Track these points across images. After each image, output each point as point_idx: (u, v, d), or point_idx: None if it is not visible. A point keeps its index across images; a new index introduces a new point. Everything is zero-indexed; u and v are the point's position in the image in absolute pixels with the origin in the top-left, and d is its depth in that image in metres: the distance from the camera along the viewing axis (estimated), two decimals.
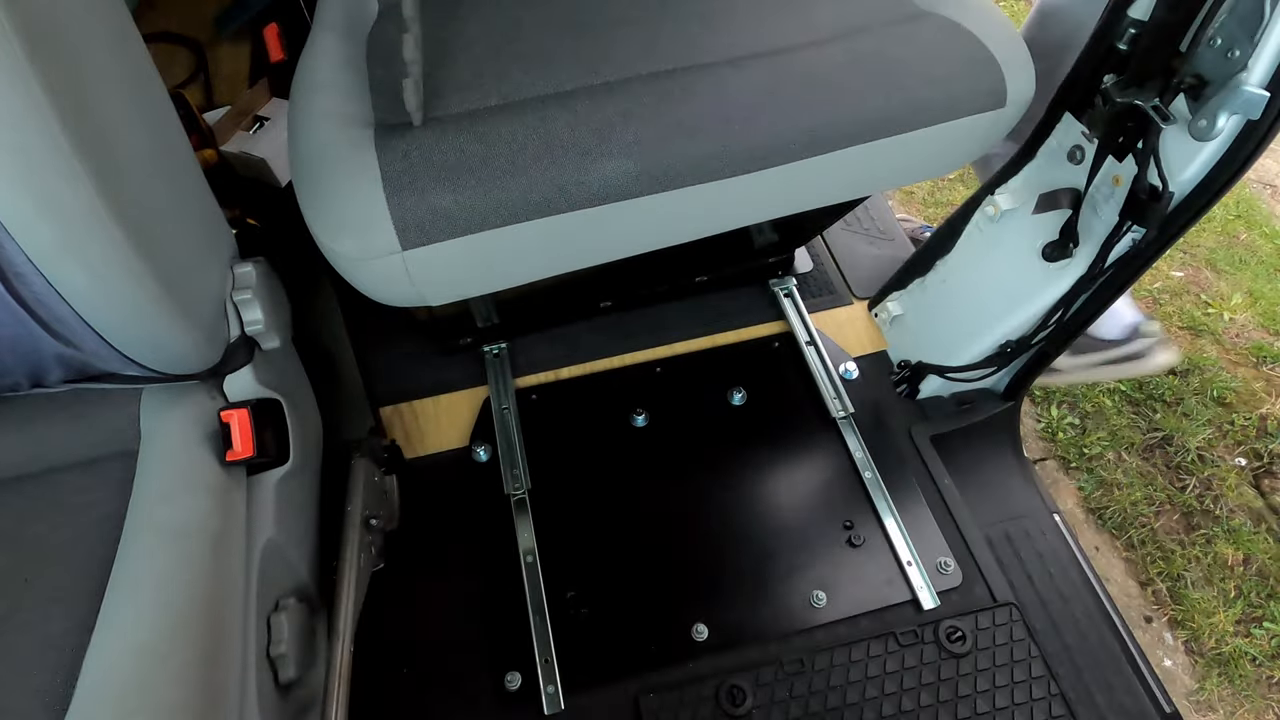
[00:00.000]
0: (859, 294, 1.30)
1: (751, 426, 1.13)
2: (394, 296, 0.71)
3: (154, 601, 0.57)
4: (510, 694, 0.92)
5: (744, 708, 0.90)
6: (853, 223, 1.41)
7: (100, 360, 0.58)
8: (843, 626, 0.97)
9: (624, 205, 0.68)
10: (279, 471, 0.77)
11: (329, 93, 0.71)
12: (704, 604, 0.98)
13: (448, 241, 0.66)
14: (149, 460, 0.65)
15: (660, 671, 0.93)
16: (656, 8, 0.79)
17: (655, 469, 1.09)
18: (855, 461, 1.10)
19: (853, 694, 0.92)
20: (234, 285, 0.70)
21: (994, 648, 0.95)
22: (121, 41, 0.56)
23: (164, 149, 0.61)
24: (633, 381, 1.18)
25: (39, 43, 0.43)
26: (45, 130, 0.44)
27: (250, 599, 0.68)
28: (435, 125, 0.67)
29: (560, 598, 0.98)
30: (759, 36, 0.76)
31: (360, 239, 0.64)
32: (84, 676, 0.53)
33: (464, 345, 1.19)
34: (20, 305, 0.51)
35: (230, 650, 0.62)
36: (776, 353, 1.22)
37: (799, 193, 0.75)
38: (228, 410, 0.68)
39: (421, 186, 0.64)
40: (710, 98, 0.70)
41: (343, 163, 0.65)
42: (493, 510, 1.05)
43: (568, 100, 0.69)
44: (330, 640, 0.79)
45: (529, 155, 0.66)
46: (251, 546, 0.71)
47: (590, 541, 1.03)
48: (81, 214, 0.47)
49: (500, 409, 1.14)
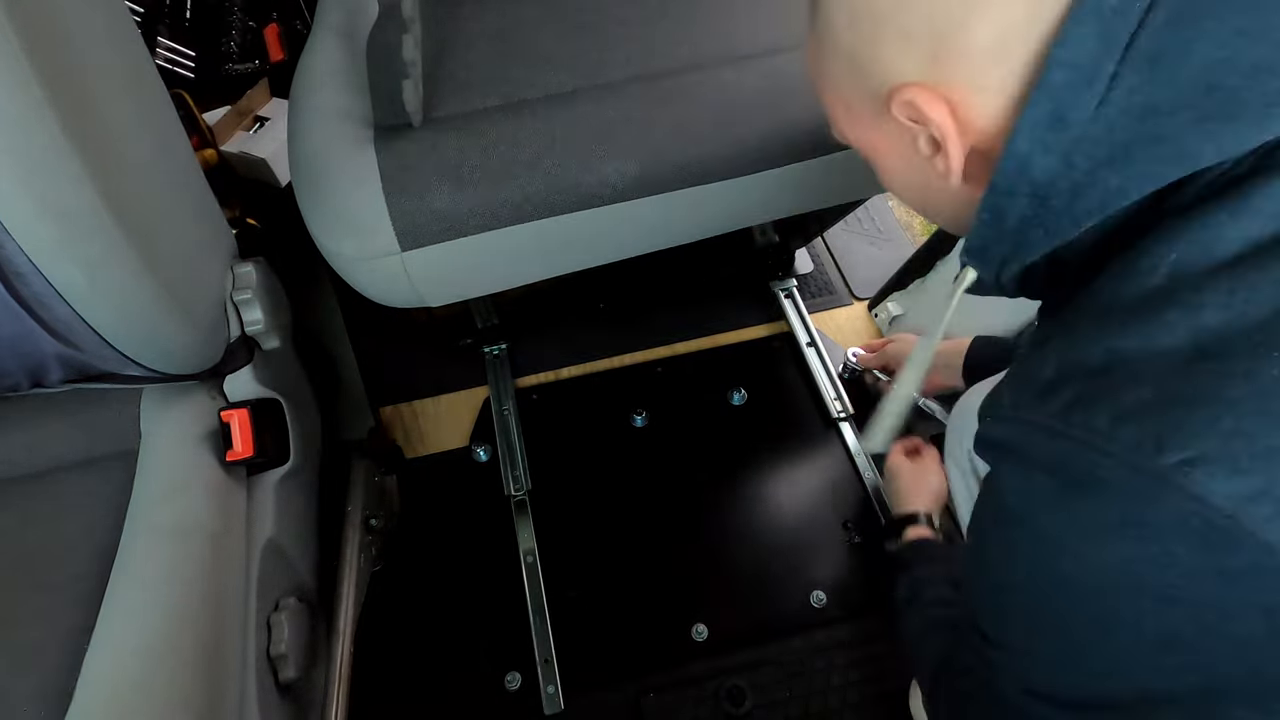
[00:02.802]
0: (859, 294, 1.30)
1: (751, 426, 1.13)
2: (393, 297, 0.71)
3: (154, 601, 0.57)
4: (510, 694, 0.92)
5: (744, 708, 0.90)
6: (853, 223, 1.41)
7: (100, 360, 0.58)
8: (843, 626, 0.97)
9: (623, 206, 0.68)
10: (279, 471, 0.77)
11: (329, 93, 0.71)
12: (704, 604, 0.98)
13: (447, 242, 0.66)
14: (149, 460, 0.65)
15: (660, 671, 0.93)
16: (656, 9, 0.79)
17: (655, 469, 1.09)
18: (855, 462, 1.10)
19: (852, 694, 0.92)
20: (234, 285, 0.70)
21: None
22: (121, 41, 0.56)
23: (164, 149, 0.61)
24: (633, 381, 1.18)
25: (39, 43, 0.43)
26: (45, 130, 0.44)
27: (250, 599, 0.68)
28: (435, 126, 0.67)
29: (560, 598, 0.98)
30: (758, 37, 0.76)
31: (359, 240, 0.64)
32: (84, 676, 0.53)
33: (464, 345, 1.19)
34: (20, 305, 0.51)
35: (230, 650, 0.62)
36: (777, 353, 1.22)
37: (799, 194, 0.75)
38: (228, 410, 0.68)
39: (421, 187, 0.64)
40: (710, 99, 0.70)
41: (342, 163, 0.65)
42: (493, 510, 1.05)
43: (568, 101, 0.69)
44: (330, 640, 0.79)
45: (528, 156, 0.66)
46: (251, 546, 0.71)
47: (590, 542, 1.03)
48: (81, 214, 0.47)
49: (500, 409, 1.14)
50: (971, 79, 0.34)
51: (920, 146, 0.38)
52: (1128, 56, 0.30)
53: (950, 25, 0.33)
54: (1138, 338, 0.31)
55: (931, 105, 0.35)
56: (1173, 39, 0.30)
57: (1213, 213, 0.31)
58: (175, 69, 1.02)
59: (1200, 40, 0.30)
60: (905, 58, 0.35)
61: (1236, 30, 0.29)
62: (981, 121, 0.35)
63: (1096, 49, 0.31)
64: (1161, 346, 0.30)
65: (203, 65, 1.04)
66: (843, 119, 0.43)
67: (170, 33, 1.02)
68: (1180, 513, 0.28)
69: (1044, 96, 0.32)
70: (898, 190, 0.45)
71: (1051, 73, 0.31)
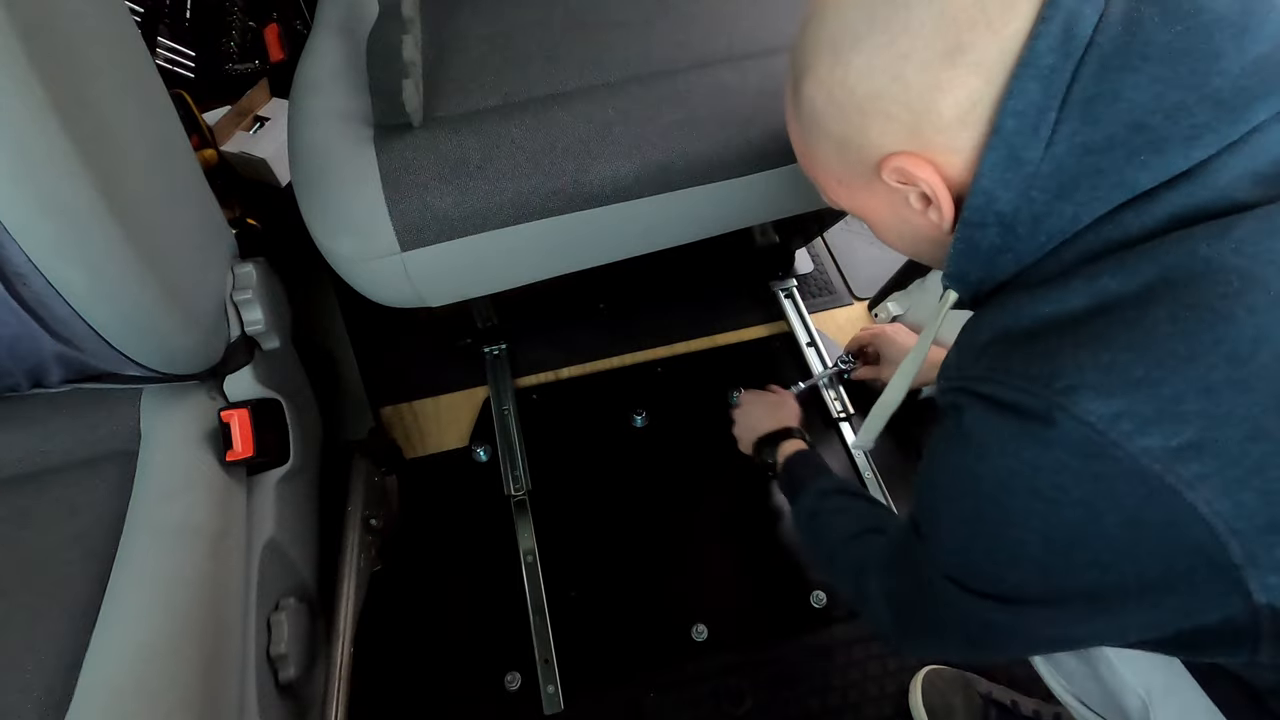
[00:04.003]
0: (859, 294, 1.30)
1: None
2: (393, 298, 0.71)
3: (154, 601, 0.57)
4: (510, 694, 0.92)
5: (744, 708, 0.90)
6: (853, 223, 1.41)
7: (100, 360, 0.58)
8: (843, 626, 0.97)
9: (623, 206, 0.68)
10: (279, 471, 0.77)
11: (329, 93, 0.71)
12: (704, 604, 0.98)
13: (447, 243, 0.66)
14: (149, 460, 0.65)
15: (660, 671, 0.93)
16: (656, 8, 0.79)
17: (655, 469, 1.09)
18: (855, 461, 1.11)
19: (853, 694, 0.92)
20: (234, 285, 0.70)
21: None
22: (121, 41, 0.56)
23: (164, 149, 0.61)
24: (633, 381, 1.18)
25: (39, 43, 0.43)
26: (45, 130, 0.44)
27: (250, 599, 0.68)
28: (435, 125, 0.67)
29: (560, 598, 0.98)
30: (758, 37, 0.76)
31: (360, 240, 0.64)
32: (84, 676, 0.53)
33: (464, 345, 1.19)
34: (20, 305, 0.51)
35: (230, 650, 0.62)
36: (777, 353, 1.22)
37: (798, 194, 0.75)
38: (228, 410, 0.68)
39: (421, 187, 0.64)
40: (710, 99, 0.70)
41: (342, 163, 0.65)
42: (493, 510, 1.05)
43: (567, 101, 0.69)
44: (330, 640, 0.79)
45: (528, 156, 0.66)
46: (251, 546, 0.71)
47: (590, 542, 1.03)
48: (81, 214, 0.47)
49: (500, 409, 1.14)
50: (946, 144, 0.41)
51: (912, 203, 0.45)
52: (1066, 104, 0.38)
53: (923, 105, 0.40)
54: (1053, 304, 0.38)
55: (919, 168, 0.42)
56: (1102, 88, 0.37)
57: (1121, 212, 0.38)
58: (175, 69, 1.02)
59: (1125, 88, 0.37)
60: (888, 135, 0.43)
61: (1154, 78, 0.36)
62: (960, 175, 0.42)
63: (1040, 99, 0.38)
64: (1069, 308, 0.38)
65: (203, 65, 1.04)
66: (835, 190, 0.51)
67: (170, 33, 1.02)
68: (1066, 428, 0.35)
69: (1000, 142, 0.39)
70: (891, 241, 0.52)
71: (1004, 120, 0.38)
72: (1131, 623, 0.41)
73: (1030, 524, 0.38)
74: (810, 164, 0.52)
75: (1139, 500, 0.35)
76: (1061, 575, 0.39)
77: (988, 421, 0.39)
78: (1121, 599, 0.39)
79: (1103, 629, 0.42)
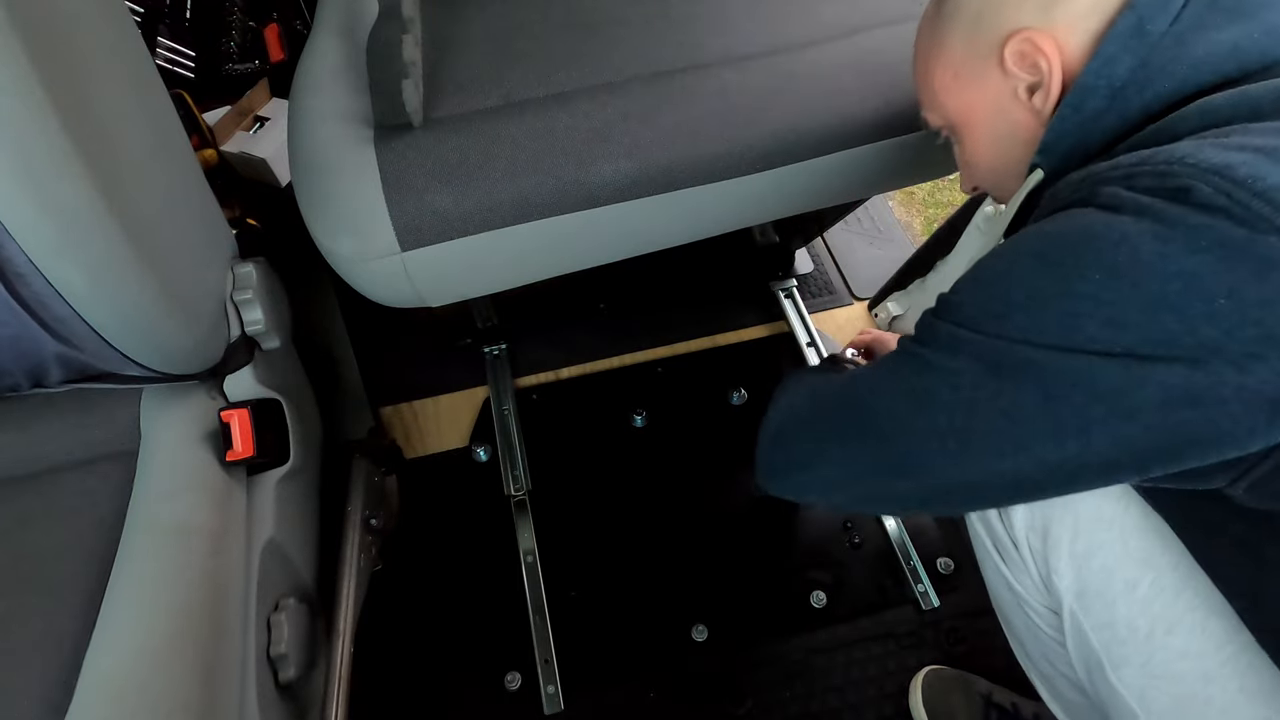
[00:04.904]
0: (859, 294, 1.30)
1: (751, 426, 1.12)
2: (393, 298, 0.70)
3: (154, 602, 0.57)
4: (510, 694, 0.92)
5: (744, 708, 0.90)
6: (853, 223, 1.41)
7: (100, 360, 0.58)
8: (843, 626, 0.97)
9: (623, 207, 0.68)
10: (279, 471, 0.77)
11: (329, 93, 0.71)
12: (704, 604, 0.98)
13: (447, 243, 0.65)
14: (149, 460, 0.65)
15: (660, 671, 0.93)
16: (656, 8, 0.79)
17: (655, 469, 1.09)
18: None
19: (852, 694, 0.92)
20: (234, 285, 0.70)
21: (995, 649, 0.95)
22: (121, 41, 0.56)
23: (164, 149, 0.61)
24: (633, 381, 1.18)
25: (39, 43, 0.43)
26: (45, 130, 0.44)
27: (250, 599, 0.68)
28: (435, 126, 0.67)
29: (560, 598, 0.98)
30: (759, 38, 0.76)
31: (360, 240, 0.64)
32: (84, 676, 0.53)
33: (464, 345, 1.19)
34: (20, 305, 0.51)
35: (230, 650, 0.62)
36: (777, 353, 1.22)
37: (798, 194, 0.75)
38: (228, 410, 0.68)
39: (421, 187, 0.64)
40: (710, 99, 0.70)
41: (342, 163, 0.65)
42: (493, 510, 1.05)
43: (568, 101, 0.69)
44: (330, 640, 0.79)
45: (529, 156, 0.66)
46: (251, 546, 0.71)
47: (590, 542, 1.03)
48: (81, 214, 0.47)
49: (500, 409, 1.14)
50: (1073, 23, 0.46)
51: (1019, 93, 0.50)
52: None
53: None
54: (1158, 133, 0.43)
55: (1044, 42, 0.47)
56: None
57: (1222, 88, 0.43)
58: (175, 69, 1.02)
59: None
60: (1023, 11, 0.48)
61: None
62: (1078, 53, 0.47)
63: None
64: (1177, 130, 0.42)
65: (203, 65, 1.04)
66: (946, 89, 0.55)
67: (170, 33, 1.02)
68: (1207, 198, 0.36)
69: (1131, 12, 0.44)
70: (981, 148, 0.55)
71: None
72: (1151, 396, 0.37)
73: (1062, 283, 0.39)
74: (930, 63, 0.55)
75: (1249, 273, 0.35)
76: (1133, 330, 0.37)
77: (1119, 195, 0.39)
78: (1169, 362, 0.37)
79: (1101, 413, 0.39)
